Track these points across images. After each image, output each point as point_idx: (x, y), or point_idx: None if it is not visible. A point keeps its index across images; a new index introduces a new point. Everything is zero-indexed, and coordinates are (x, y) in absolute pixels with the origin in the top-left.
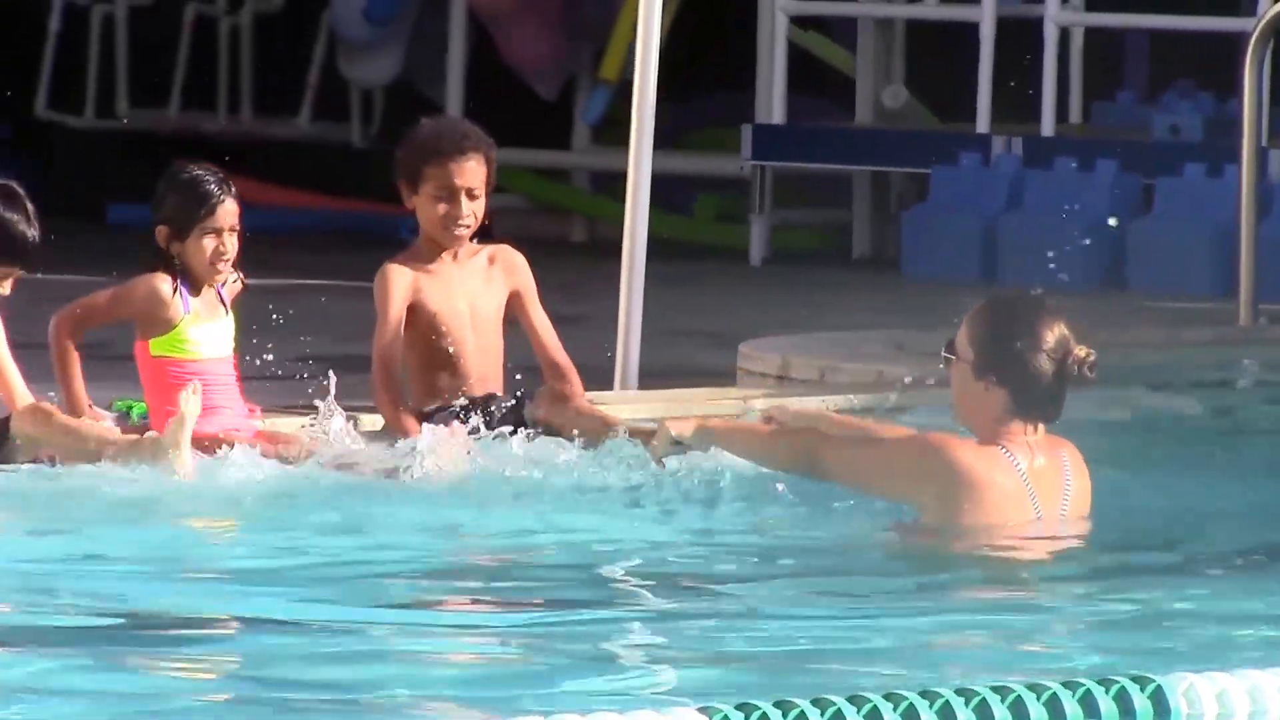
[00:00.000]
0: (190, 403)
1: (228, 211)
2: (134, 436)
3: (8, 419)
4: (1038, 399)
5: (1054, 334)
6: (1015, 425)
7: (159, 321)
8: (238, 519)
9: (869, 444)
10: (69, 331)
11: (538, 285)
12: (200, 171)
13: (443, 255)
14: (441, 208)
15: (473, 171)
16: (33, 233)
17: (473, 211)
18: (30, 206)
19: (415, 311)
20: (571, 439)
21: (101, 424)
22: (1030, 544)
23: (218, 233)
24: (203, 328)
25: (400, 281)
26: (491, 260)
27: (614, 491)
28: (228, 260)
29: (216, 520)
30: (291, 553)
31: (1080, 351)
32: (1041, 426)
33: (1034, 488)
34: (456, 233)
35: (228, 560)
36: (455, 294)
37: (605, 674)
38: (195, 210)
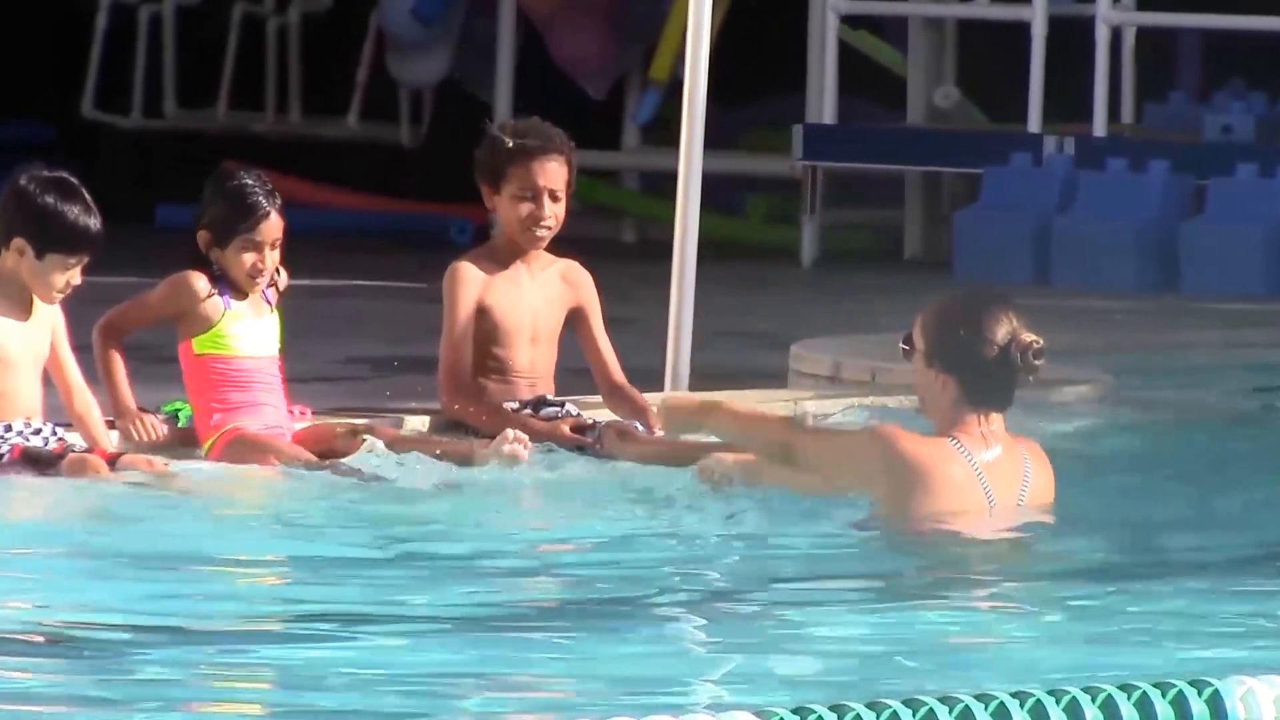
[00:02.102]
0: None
1: (271, 226)
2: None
3: (61, 456)
4: (985, 386)
5: (999, 322)
6: (969, 416)
7: (198, 319)
8: (286, 519)
9: (829, 436)
10: (110, 335)
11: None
12: (249, 181)
13: (516, 260)
14: (524, 208)
15: (555, 172)
16: (94, 222)
17: (554, 214)
18: (88, 196)
19: (480, 313)
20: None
21: (151, 427)
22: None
23: (258, 247)
24: (245, 324)
25: (472, 280)
26: (560, 275)
27: (668, 498)
28: (265, 275)
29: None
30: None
31: (1026, 338)
32: (996, 417)
33: (986, 477)
34: (538, 234)
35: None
36: (522, 302)
37: (661, 677)
38: (238, 222)
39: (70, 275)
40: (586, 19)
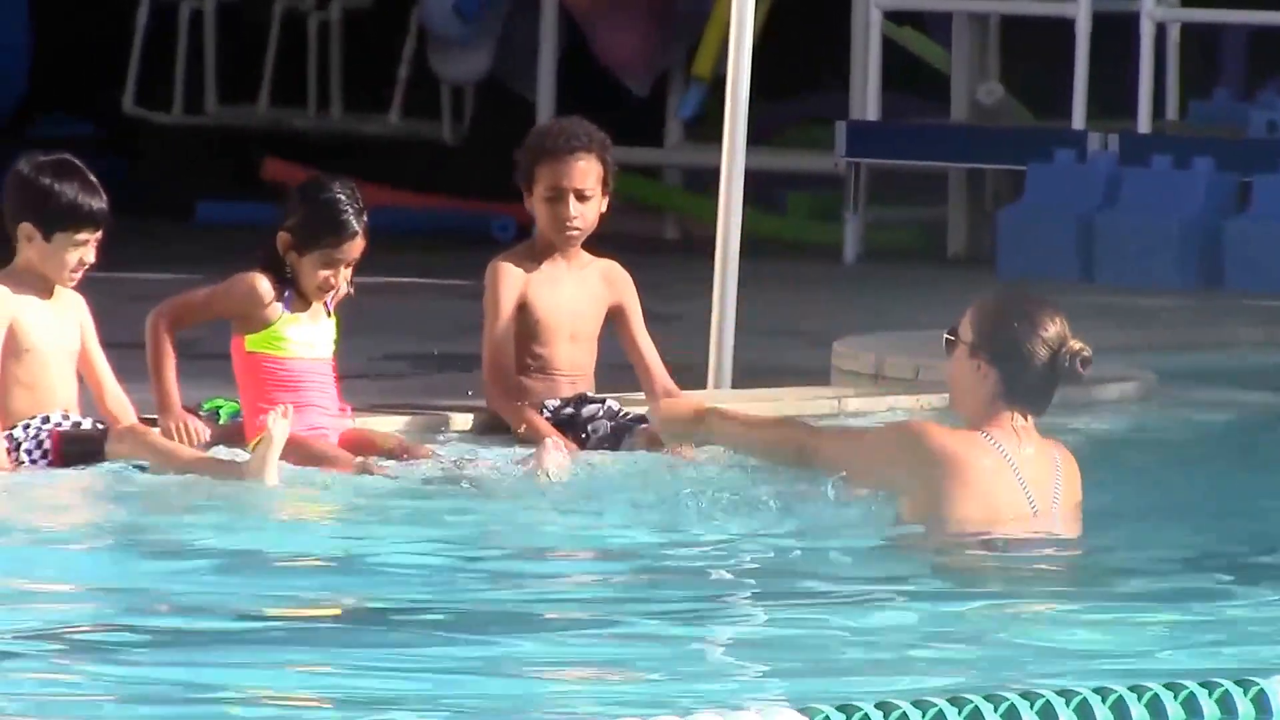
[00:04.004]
0: (278, 426)
1: (355, 247)
2: (222, 459)
3: (104, 434)
4: (1027, 385)
5: (1052, 324)
6: (1003, 412)
7: (255, 318)
8: (326, 521)
9: (852, 435)
10: (166, 327)
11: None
12: (343, 195)
13: (555, 258)
14: (552, 208)
15: (581, 172)
16: (94, 197)
17: (582, 214)
18: (88, 173)
19: (520, 312)
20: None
21: (194, 430)
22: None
23: (336, 264)
24: (301, 328)
25: (512, 278)
26: (600, 274)
27: (712, 496)
28: (335, 291)
29: (301, 522)
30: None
31: (1075, 344)
32: (1029, 419)
33: (1021, 472)
34: (567, 235)
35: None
36: (561, 301)
37: (707, 675)
38: (325, 235)
39: (81, 253)
40: (629, 16)
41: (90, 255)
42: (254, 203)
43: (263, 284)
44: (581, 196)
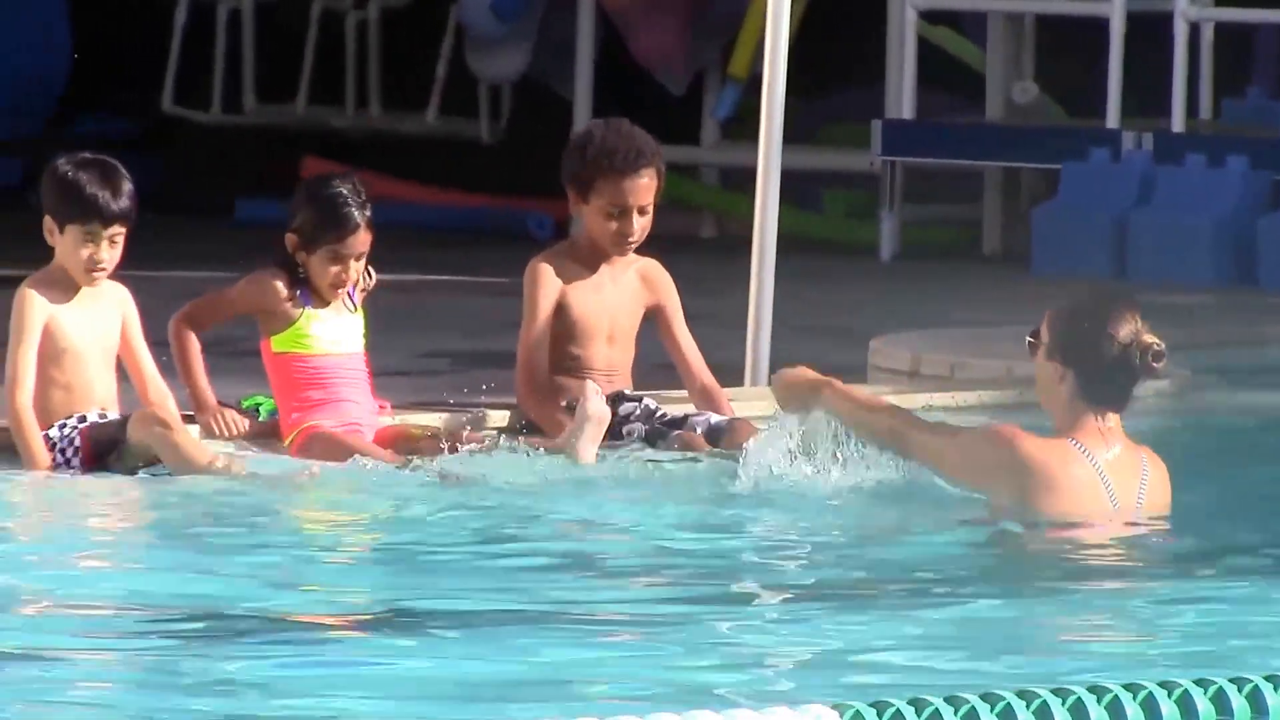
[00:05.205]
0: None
1: (359, 240)
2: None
3: (125, 420)
4: (1102, 383)
5: (1124, 321)
6: (1086, 414)
7: (278, 317)
8: (359, 518)
9: (948, 434)
10: (187, 328)
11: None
12: (343, 190)
13: (597, 260)
14: (612, 224)
15: (645, 189)
16: (107, 192)
17: (641, 227)
18: (117, 171)
19: (558, 312)
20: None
21: (233, 421)
22: (1124, 538)
23: (344, 259)
24: (325, 323)
25: (551, 280)
26: (639, 274)
27: (744, 495)
28: (348, 285)
29: (328, 521)
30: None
31: (1148, 340)
32: (1114, 416)
33: (1109, 478)
34: (624, 247)
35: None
36: (601, 302)
37: (741, 670)
38: (327, 231)
39: (93, 250)
40: (665, 15)
41: (104, 253)
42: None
43: (277, 280)
44: (643, 211)
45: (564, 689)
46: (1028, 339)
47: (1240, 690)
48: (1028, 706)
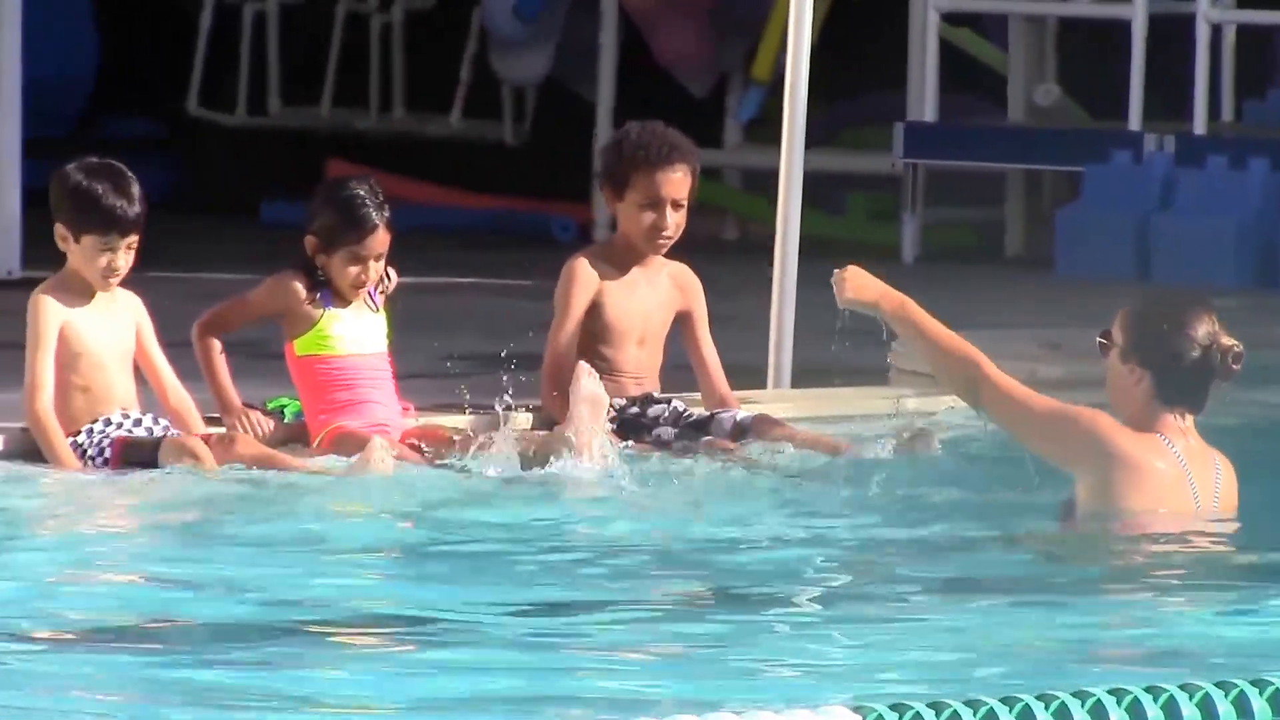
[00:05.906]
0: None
1: (378, 241)
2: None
3: (159, 442)
4: (1181, 385)
5: (1202, 322)
6: (1164, 414)
7: (299, 319)
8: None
9: (1029, 400)
10: (209, 332)
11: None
12: (360, 192)
13: (632, 263)
14: (647, 218)
15: (680, 183)
16: (122, 200)
17: (676, 222)
18: (127, 177)
19: (591, 313)
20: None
21: (259, 423)
22: (1191, 538)
23: (363, 260)
24: (347, 323)
25: (587, 280)
26: (671, 278)
27: (765, 495)
28: (368, 286)
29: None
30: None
31: (1226, 341)
32: (1190, 418)
33: (1192, 473)
34: (659, 243)
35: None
36: (634, 304)
37: (760, 673)
38: (345, 233)
39: (111, 258)
40: (688, 17)
41: (122, 260)
42: None
43: (297, 282)
44: (677, 206)
45: (582, 690)
46: (1098, 339)
47: (1261, 693)
48: (1047, 708)
